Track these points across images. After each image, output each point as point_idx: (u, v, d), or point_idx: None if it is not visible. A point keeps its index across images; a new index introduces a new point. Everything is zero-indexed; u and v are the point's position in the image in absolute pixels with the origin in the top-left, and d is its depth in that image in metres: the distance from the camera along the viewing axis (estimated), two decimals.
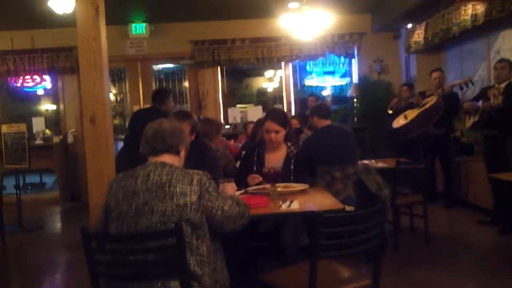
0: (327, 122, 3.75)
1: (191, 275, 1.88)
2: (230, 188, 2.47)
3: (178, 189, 1.93)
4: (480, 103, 4.57)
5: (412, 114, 5.34)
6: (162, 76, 8.37)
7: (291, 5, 6.20)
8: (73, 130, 7.49)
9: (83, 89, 2.64)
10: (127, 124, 7.87)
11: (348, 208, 3.34)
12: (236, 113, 7.68)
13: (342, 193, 3.44)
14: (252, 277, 2.73)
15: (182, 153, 2.17)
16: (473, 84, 5.21)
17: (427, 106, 5.26)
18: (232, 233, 2.09)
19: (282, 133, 3.03)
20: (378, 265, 2.15)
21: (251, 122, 6.29)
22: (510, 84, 4.44)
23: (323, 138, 3.68)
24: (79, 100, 7.37)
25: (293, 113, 7.54)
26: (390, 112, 5.98)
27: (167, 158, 2.08)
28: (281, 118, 3.08)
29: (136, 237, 1.91)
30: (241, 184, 2.87)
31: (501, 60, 4.65)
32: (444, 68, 6.47)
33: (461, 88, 5.28)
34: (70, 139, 7.42)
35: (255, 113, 7.47)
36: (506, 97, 4.37)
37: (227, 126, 7.64)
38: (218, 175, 2.90)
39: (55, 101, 7.89)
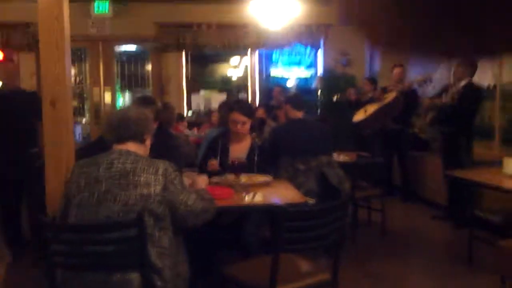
0: (299, 114, 3.75)
1: (151, 267, 1.86)
2: (201, 181, 2.44)
3: (142, 179, 1.90)
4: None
5: (371, 108, 5.45)
6: (124, 58, 8.13)
7: None
8: None
9: (43, 70, 2.52)
10: (86, 107, 7.64)
11: (310, 201, 3.40)
12: (200, 100, 7.60)
13: (305, 186, 3.47)
14: (212, 269, 2.73)
15: (148, 142, 2.13)
16: (431, 81, 5.36)
17: (386, 101, 5.38)
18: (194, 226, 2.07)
19: (248, 124, 3.02)
20: (337, 259, 2.19)
21: (215, 111, 6.23)
22: (468, 84, 4.59)
23: (290, 130, 3.69)
24: (36, 79, 7.06)
25: (257, 103, 7.53)
26: (334, 99, 6.18)
27: (131, 147, 2.03)
28: (247, 109, 3.08)
29: (96, 228, 1.86)
30: (204, 174, 2.84)
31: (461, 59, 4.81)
32: (407, 64, 6.63)
33: (420, 85, 5.43)
34: None
35: (219, 100, 7.38)
36: (461, 96, 4.54)
37: (189, 113, 7.55)
38: (181, 165, 2.86)
39: None
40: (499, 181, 3.14)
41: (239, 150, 3.05)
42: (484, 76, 5.15)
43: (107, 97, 7.55)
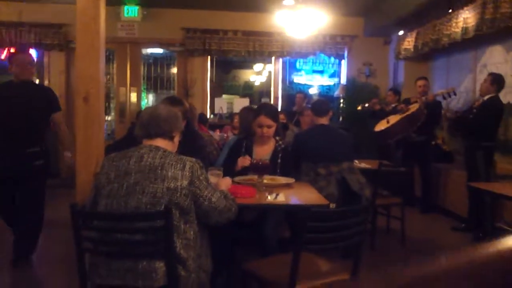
0: (322, 120, 3.81)
1: (176, 257, 1.92)
2: (225, 183, 2.49)
3: (170, 173, 1.97)
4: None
5: (394, 119, 5.45)
6: (151, 60, 8.32)
7: (286, 2, 6.23)
8: None
9: (78, 68, 2.64)
10: (111, 105, 7.83)
11: (331, 205, 3.44)
12: (222, 103, 7.70)
13: (325, 190, 3.51)
14: (232, 266, 2.78)
15: (176, 139, 2.21)
16: (455, 94, 5.35)
17: (409, 112, 5.38)
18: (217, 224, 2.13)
19: (274, 127, 3.08)
20: (358, 260, 2.22)
21: (237, 113, 6.33)
22: (491, 99, 4.58)
23: (313, 136, 3.74)
24: (65, 77, 7.29)
25: (279, 109, 7.59)
26: (359, 108, 6.19)
27: (160, 143, 2.11)
28: (273, 113, 3.13)
29: (126, 217, 1.94)
30: (227, 175, 2.90)
31: (488, 74, 4.80)
32: (430, 77, 6.62)
33: (444, 98, 5.42)
34: None
35: (241, 105, 7.47)
36: (481, 109, 4.54)
37: (212, 116, 7.67)
38: (206, 164, 2.94)
39: (40, 77, 7.77)
40: None
41: (262, 152, 3.11)
42: (510, 91, 5.12)
43: (133, 97, 7.72)
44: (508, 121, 5.01)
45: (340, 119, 7.46)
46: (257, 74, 10.30)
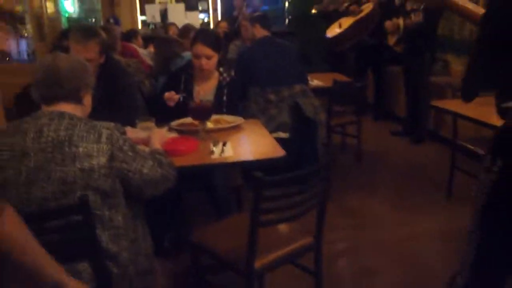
0: (266, 32, 3.40)
1: (104, 254, 1.55)
2: (158, 137, 2.02)
3: (81, 149, 1.50)
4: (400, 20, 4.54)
5: (347, 22, 5.00)
6: None
7: None
8: None
9: None
10: (26, 19, 6.71)
11: (282, 135, 3.11)
12: (155, 10, 6.82)
13: (277, 119, 3.17)
14: (182, 236, 2.46)
15: (87, 100, 1.69)
16: None
17: (363, 14, 4.94)
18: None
19: (215, 58, 2.56)
20: (321, 220, 1.94)
21: (172, 23, 5.60)
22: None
23: (260, 53, 3.29)
24: None
25: (219, 16, 6.86)
26: (314, 11, 5.70)
27: (65, 108, 1.59)
28: (213, 40, 2.58)
29: (30, 217, 1.48)
30: (163, 115, 2.43)
31: None
32: None
33: None
34: None
35: (176, 11, 6.70)
36: (427, 14, 4.27)
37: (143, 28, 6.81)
38: (137, 111, 2.45)
39: None
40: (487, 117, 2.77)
41: (205, 89, 2.60)
42: None
43: (49, 7, 6.65)
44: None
45: (286, 22, 6.85)
46: None
